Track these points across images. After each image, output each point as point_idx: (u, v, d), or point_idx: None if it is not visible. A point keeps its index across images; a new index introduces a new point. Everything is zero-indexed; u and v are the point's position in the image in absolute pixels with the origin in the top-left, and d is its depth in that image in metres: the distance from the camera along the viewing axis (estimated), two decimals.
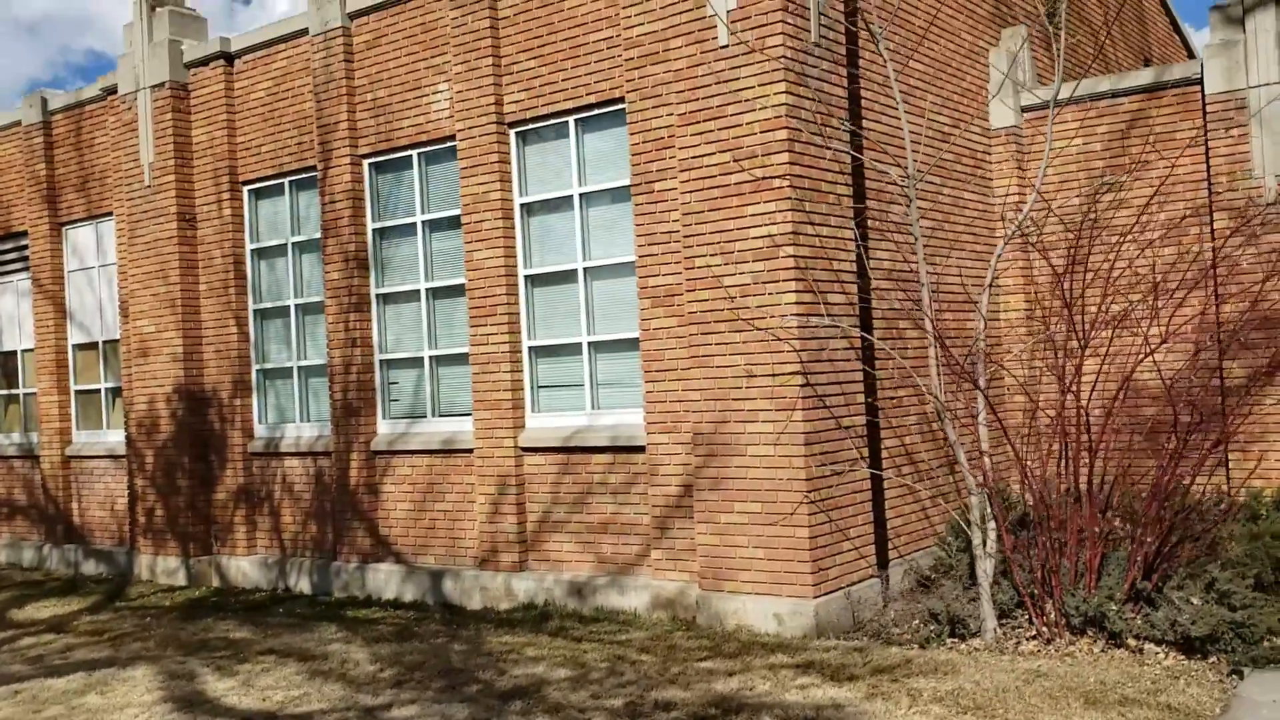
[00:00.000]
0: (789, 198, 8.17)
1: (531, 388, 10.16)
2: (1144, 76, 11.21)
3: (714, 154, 8.51)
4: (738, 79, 8.38)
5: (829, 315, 8.36)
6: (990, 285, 8.22)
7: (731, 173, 8.41)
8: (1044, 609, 7.40)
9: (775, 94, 8.19)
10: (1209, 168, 10.79)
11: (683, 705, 6.30)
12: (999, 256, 8.23)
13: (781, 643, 7.77)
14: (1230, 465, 10.66)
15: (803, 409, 8.13)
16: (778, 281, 8.22)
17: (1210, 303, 10.69)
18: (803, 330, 8.14)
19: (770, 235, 8.24)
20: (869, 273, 9.15)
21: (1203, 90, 10.80)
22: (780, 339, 8.16)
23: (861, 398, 8.79)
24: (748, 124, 8.34)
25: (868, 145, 9.72)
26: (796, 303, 8.16)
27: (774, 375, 8.22)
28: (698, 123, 8.58)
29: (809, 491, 8.11)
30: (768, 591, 8.27)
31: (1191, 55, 19.37)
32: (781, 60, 8.18)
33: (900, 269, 10.04)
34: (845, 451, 8.53)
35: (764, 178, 8.25)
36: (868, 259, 9.11)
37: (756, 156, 8.29)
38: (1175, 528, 7.48)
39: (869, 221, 9.55)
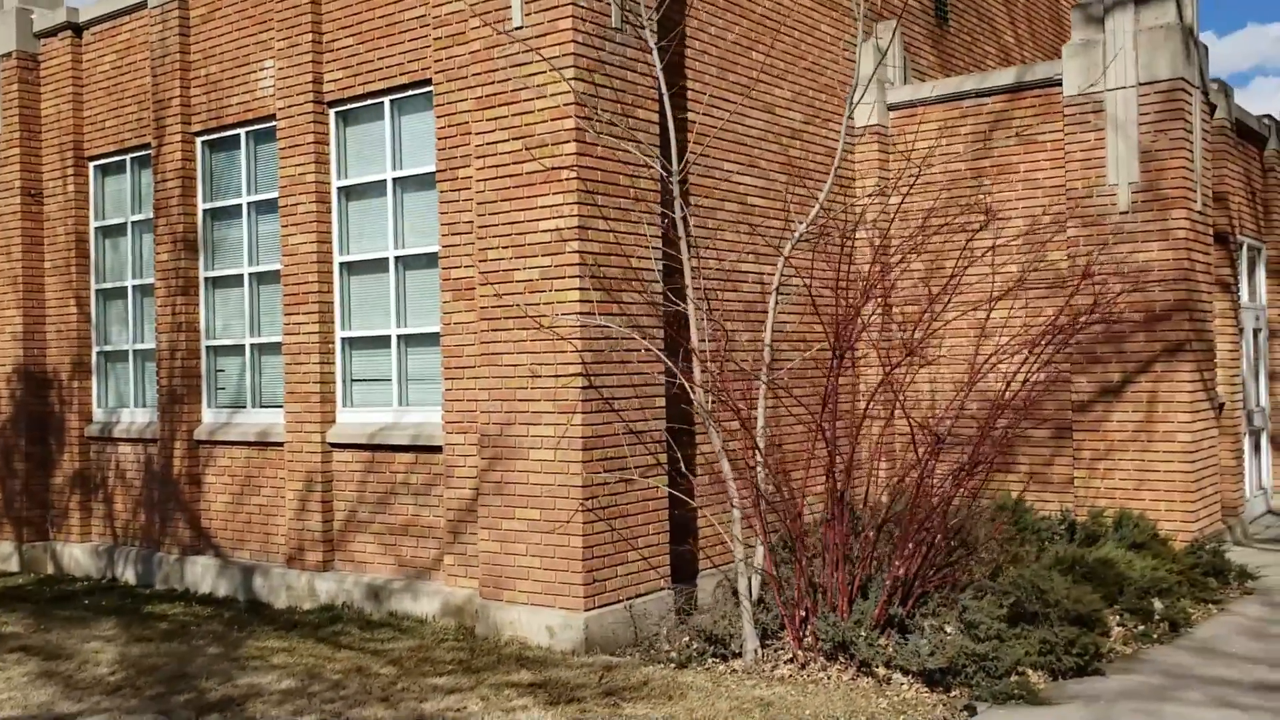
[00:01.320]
0: (576, 190, 7.74)
1: (344, 381, 9.74)
2: (1007, 76, 10.79)
3: (507, 141, 8.08)
4: (530, 63, 7.95)
5: (624, 315, 7.94)
6: (777, 290, 7.77)
7: (523, 161, 7.98)
8: (802, 633, 6.99)
9: (564, 80, 7.76)
10: (1066, 173, 10.37)
11: None
12: (785, 259, 7.79)
13: (542, 657, 7.37)
14: (1076, 483, 10.26)
15: (583, 412, 7.71)
16: (564, 278, 7.79)
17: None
18: (586, 330, 7.71)
19: (558, 229, 7.82)
20: (691, 273, 8.69)
21: (1063, 92, 10.38)
22: (564, 338, 7.74)
23: (661, 402, 8.36)
24: (539, 110, 7.91)
25: (694, 139, 9.30)
26: (580, 300, 7.73)
27: (557, 376, 7.80)
28: (493, 107, 8.15)
29: (585, 499, 7.69)
30: (542, 603, 7.86)
31: None
32: (572, 45, 7.74)
33: (739, 269, 9.63)
34: (637, 458, 8.10)
35: (553, 168, 7.82)
36: (691, 258, 8.67)
37: (546, 145, 7.86)
38: (936, 551, 7.07)
39: (690, 220, 9.13)
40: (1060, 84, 10.40)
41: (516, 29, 8.01)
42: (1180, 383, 9.71)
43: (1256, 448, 13.49)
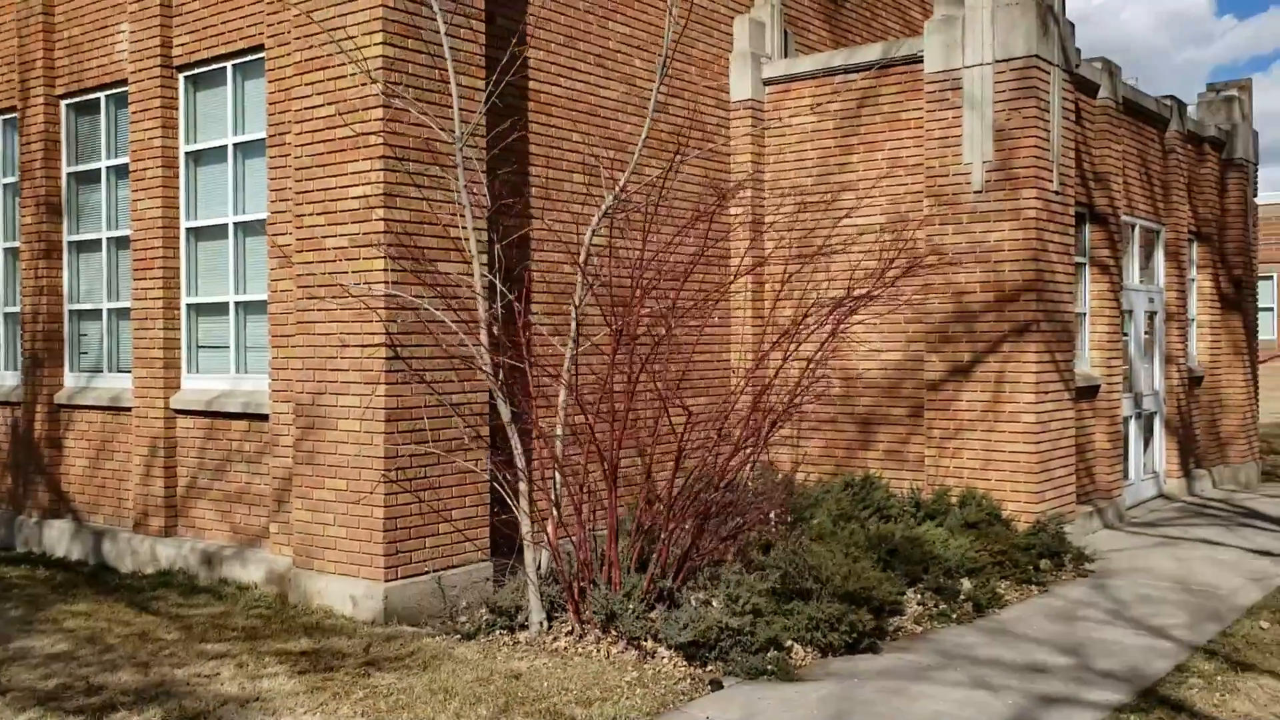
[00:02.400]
0: (383, 156, 7.67)
1: (190, 347, 9.69)
2: (874, 52, 10.69)
3: (323, 106, 8.00)
4: (344, 27, 7.86)
5: (440, 286, 7.88)
6: (584, 263, 7.69)
7: (336, 127, 7.91)
8: (582, 606, 6.97)
9: (373, 44, 7.68)
10: (925, 151, 10.28)
11: (113, 688, 5.89)
12: (594, 231, 7.71)
13: (337, 626, 7.36)
14: (926, 461, 10.23)
15: (387, 383, 7.67)
16: (370, 245, 7.74)
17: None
18: (391, 300, 7.65)
19: (365, 196, 7.76)
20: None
21: (924, 69, 10.28)
22: (369, 308, 7.69)
23: (484, 376, 8.30)
24: (351, 76, 7.83)
25: (536, 108, 9.23)
26: (385, 270, 7.68)
27: (363, 347, 7.76)
28: (310, 72, 8.07)
29: (388, 470, 7.66)
30: (348, 572, 7.85)
31: None
32: (381, 10, 7.65)
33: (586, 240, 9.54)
34: (453, 431, 8.06)
35: (361, 134, 7.75)
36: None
37: (356, 111, 7.79)
38: (710, 525, 7.04)
39: (531, 193, 9.07)
40: (923, 61, 10.29)
41: None
42: (1026, 363, 9.67)
43: (1147, 431, 13.46)
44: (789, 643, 6.52)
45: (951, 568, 7.99)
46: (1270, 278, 30.32)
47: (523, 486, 7.30)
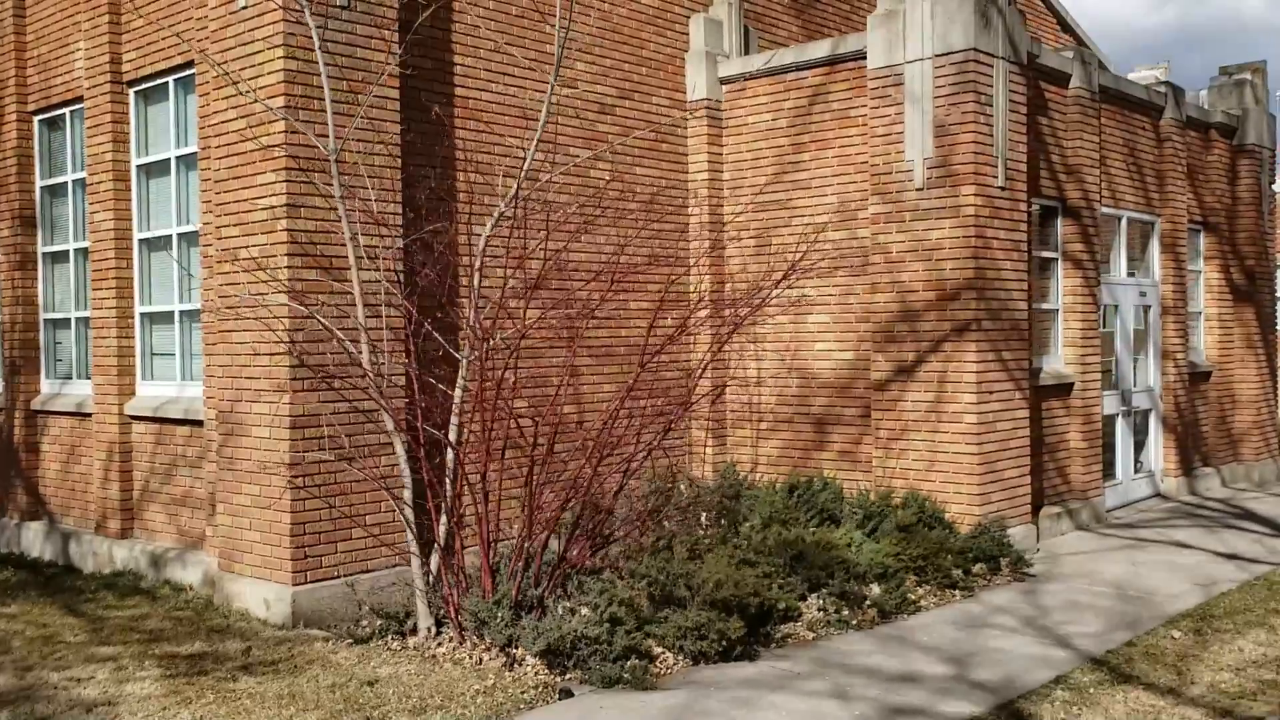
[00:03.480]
0: (285, 168, 7.81)
1: (144, 355, 9.97)
2: (823, 49, 10.55)
3: (235, 119, 8.17)
4: (253, 41, 8.02)
5: (349, 295, 7.98)
6: (480, 268, 7.71)
7: (247, 139, 8.07)
8: (460, 613, 7.03)
9: (276, 58, 7.82)
10: (870, 149, 10.12)
11: None
12: (488, 236, 7.72)
13: (242, 629, 7.53)
14: (874, 463, 10.09)
15: (292, 390, 7.81)
16: (275, 256, 7.89)
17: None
18: (295, 309, 7.79)
19: (271, 207, 7.91)
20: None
21: (868, 65, 10.11)
22: (276, 316, 7.84)
23: (401, 381, 8.40)
24: (260, 88, 7.99)
25: (463, 115, 9.30)
26: (290, 280, 7.81)
27: (271, 355, 7.91)
28: (224, 86, 8.24)
29: (294, 476, 7.80)
30: (262, 576, 8.02)
31: (1076, 37, 18.34)
32: (282, 24, 7.79)
33: (523, 248, 9.56)
34: (365, 437, 8.17)
35: (267, 146, 7.90)
36: (463, 240, 8.64)
37: (264, 124, 7.94)
38: (586, 531, 7.03)
39: (459, 199, 9.15)
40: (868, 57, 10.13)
41: (242, 8, 8.08)
42: (967, 362, 9.47)
43: (1140, 429, 13.08)
44: (659, 651, 6.50)
45: (862, 573, 7.87)
46: None
47: (406, 494, 7.37)
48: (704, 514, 9.06)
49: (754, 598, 6.69)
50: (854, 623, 7.46)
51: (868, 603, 7.65)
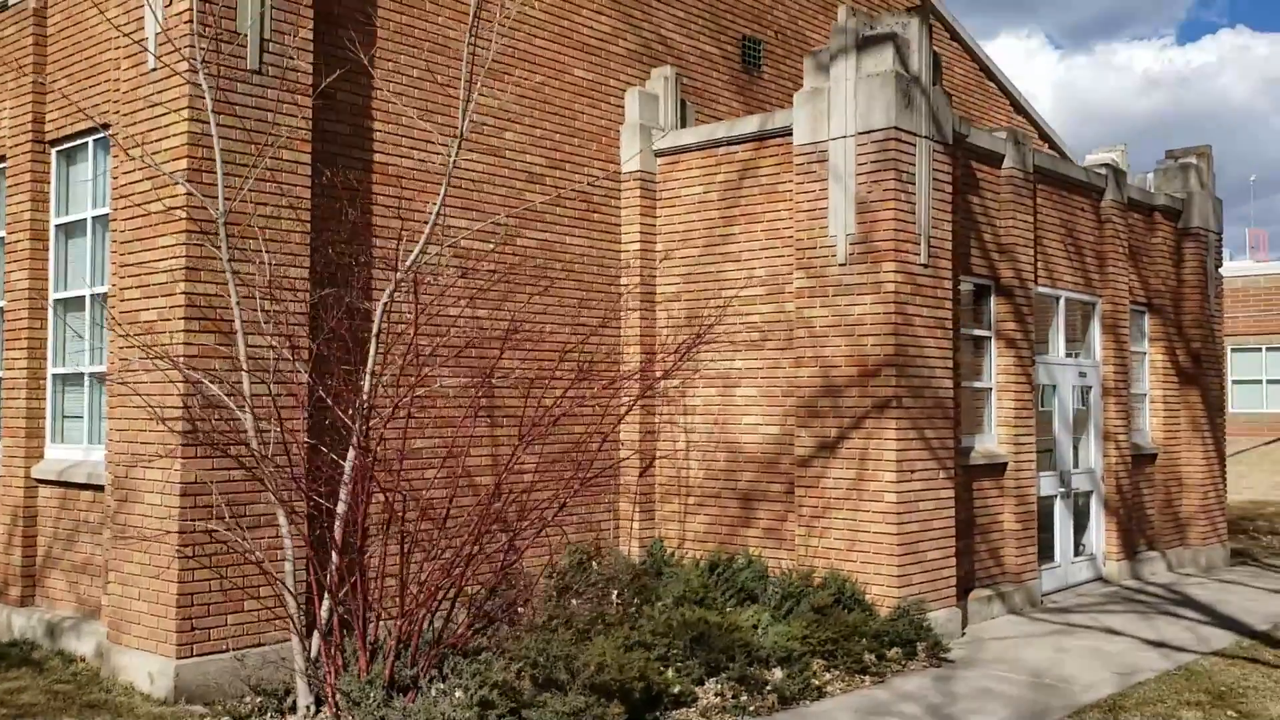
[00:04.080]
0: (185, 231, 7.72)
1: (55, 417, 9.77)
2: (752, 124, 10.56)
3: (141, 181, 8.09)
4: (160, 103, 7.97)
5: (249, 360, 7.83)
6: (377, 335, 7.58)
7: (151, 201, 7.98)
8: (336, 692, 6.78)
9: (181, 120, 7.76)
10: (795, 224, 10.09)
11: None
12: (386, 306, 7.57)
13: (121, 705, 7.28)
14: (797, 541, 9.90)
15: (184, 458, 7.63)
16: (173, 319, 7.75)
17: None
18: (190, 374, 7.63)
19: (171, 270, 7.80)
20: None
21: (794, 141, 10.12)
22: (170, 381, 7.68)
23: (301, 449, 8.21)
24: (166, 150, 7.92)
25: (381, 181, 9.25)
26: (186, 344, 7.67)
27: (165, 420, 7.73)
28: (135, 147, 8.17)
29: (182, 545, 7.59)
30: (148, 648, 7.77)
31: (1029, 119, 18.54)
32: (188, 88, 7.74)
33: (447, 313, 9.44)
34: (260, 507, 7.96)
35: (170, 208, 7.81)
36: (360, 301, 8.52)
37: (167, 185, 7.85)
38: (461, 609, 6.81)
39: (374, 264, 9.05)
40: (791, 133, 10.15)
41: (151, 70, 8.04)
42: (887, 440, 9.34)
43: (1080, 511, 12.93)
44: None
45: (765, 656, 7.65)
46: None
47: (287, 567, 7.16)
48: (615, 592, 8.85)
49: (638, 681, 6.47)
50: (751, 709, 7.22)
51: (769, 688, 7.42)
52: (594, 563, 9.34)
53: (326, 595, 7.00)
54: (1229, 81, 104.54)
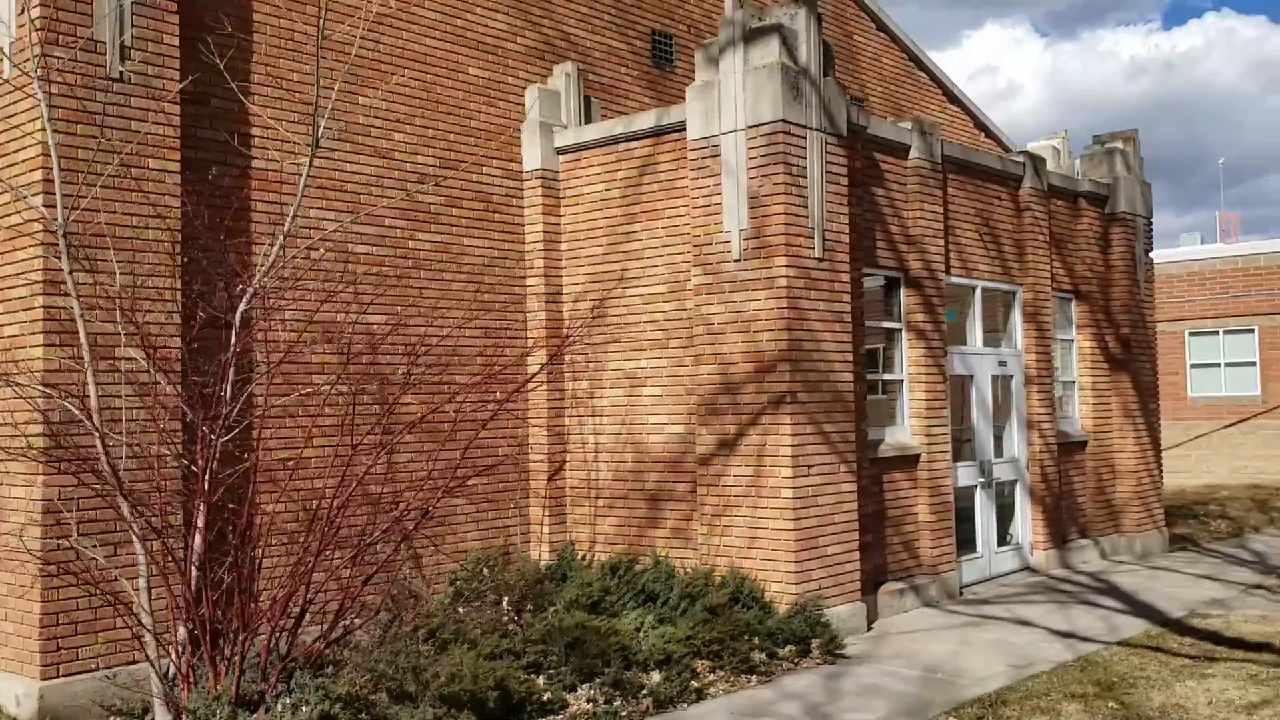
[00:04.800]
0: (42, 244, 7.56)
1: None
2: (649, 120, 10.44)
3: (2, 194, 7.92)
4: (16, 114, 7.80)
5: (117, 374, 7.68)
6: (235, 343, 7.41)
7: (9, 215, 7.82)
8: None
9: (35, 130, 7.60)
10: (691, 220, 9.98)
11: None
12: (245, 315, 7.41)
13: None
14: (699, 540, 9.79)
15: (45, 474, 7.47)
16: (33, 334, 7.59)
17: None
18: (49, 390, 7.46)
19: (30, 283, 7.63)
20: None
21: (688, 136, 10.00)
22: (30, 398, 7.51)
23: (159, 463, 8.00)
24: (22, 162, 7.76)
25: (260, 187, 9.09)
26: (45, 359, 7.52)
27: (27, 437, 7.56)
28: None
29: (45, 564, 7.42)
30: (13, 669, 7.61)
31: (964, 108, 18.45)
32: (46, 95, 7.56)
33: (334, 320, 9.28)
34: (139, 521, 7.79)
35: (28, 220, 7.65)
36: (247, 309, 8.34)
37: (25, 198, 7.68)
38: (309, 622, 6.67)
39: (254, 272, 8.88)
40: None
41: (4, 80, 7.88)
42: (782, 436, 9.23)
43: (1005, 501, 12.85)
44: None
45: (644, 659, 7.54)
46: (1251, 330, 29.33)
47: (142, 584, 7.00)
48: (506, 599, 8.72)
49: (493, 691, 6.34)
50: (624, 714, 7.10)
51: (644, 692, 7.30)
52: (486, 569, 9.20)
53: (182, 611, 6.85)
54: (1216, 65, 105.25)
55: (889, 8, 16.82)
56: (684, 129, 10.10)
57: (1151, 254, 15.54)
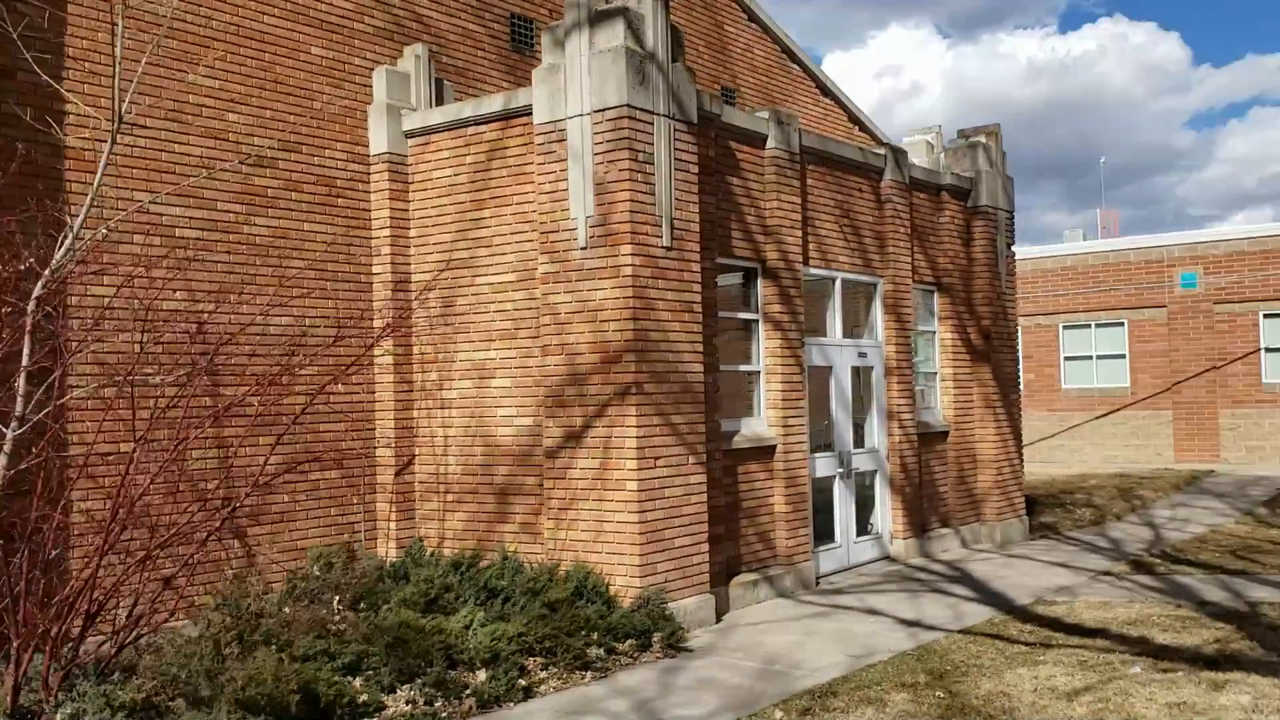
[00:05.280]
0: None
1: None
2: (497, 103, 10.19)
3: None
4: None
5: None
6: (31, 331, 6.98)
7: None
8: None
9: None
10: (538, 207, 9.76)
11: None
12: (38, 295, 6.99)
13: None
14: (546, 535, 9.59)
15: None
16: None
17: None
18: None
19: None
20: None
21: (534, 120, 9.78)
22: None
23: None
24: None
25: (78, 168, 8.62)
26: None
27: None
28: None
29: None
30: None
31: (837, 100, 18.54)
32: None
33: (161, 307, 8.83)
34: None
35: None
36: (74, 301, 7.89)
37: None
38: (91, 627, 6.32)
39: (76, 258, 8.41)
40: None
41: None
42: (628, 428, 9.08)
43: (864, 491, 12.91)
44: None
45: (469, 659, 7.31)
46: (1121, 324, 30.18)
47: None
48: (336, 599, 8.41)
49: (295, 694, 6.05)
50: (444, 715, 6.87)
51: (468, 692, 7.07)
52: (323, 568, 8.87)
53: None
54: (1108, 68, 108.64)
55: (791, 5, 16.78)
56: (532, 113, 9.86)
57: (1014, 248, 15.80)
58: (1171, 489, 20.22)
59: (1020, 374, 16.14)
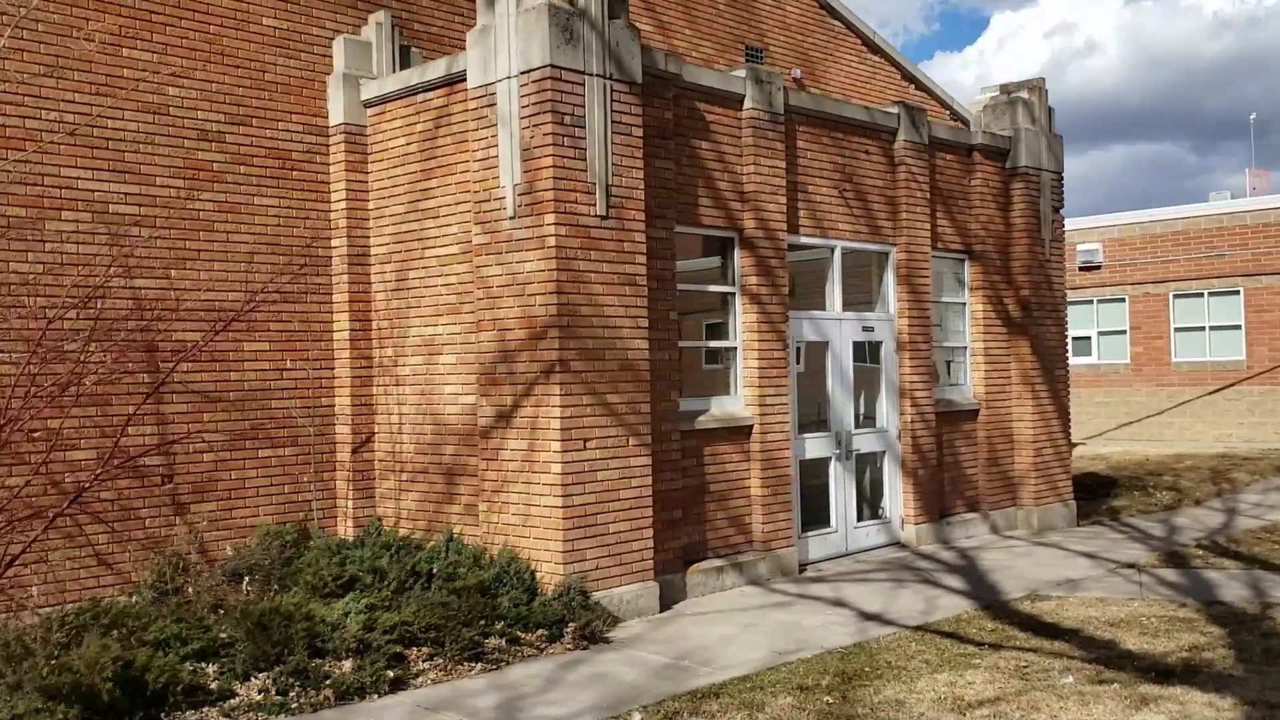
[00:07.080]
0: None
1: None
2: (441, 68, 9.81)
3: None
4: None
5: None
6: None
7: None
8: None
9: None
10: (471, 174, 9.37)
11: None
12: None
13: None
14: (481, 518, 9.26)
15: None
16: None
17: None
18: None
19: None
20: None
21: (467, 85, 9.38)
22: None
23: None
24: None
25: (3, 144, 8.62)
26: None
27: None
28: None
29: None
30: None
31: (886, 56, 17.55)
32: None
33: (91, 283, 8.80)
34: None
35: None
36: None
37: None
38: None
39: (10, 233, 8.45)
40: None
41: None
42: (553, 407, 8.64)
43: (866, 473, 12.19)
44: None
45: (335, 647, 7.04)
46: (1237, 292, 28.11)
47: None
48: (247, 580, 8.25)
49: (107, 682, 5.87)
50: (294, 706, 6.61)
51: (328, 682, 6.79)
52: (229, 546, 8.74)
53: None
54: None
55: None
56: (464, 78, 9.46)
57: (1062, 211, 14.67)
58: (1273, 472, 18.72)
59: (1069, 347, 15.01)
